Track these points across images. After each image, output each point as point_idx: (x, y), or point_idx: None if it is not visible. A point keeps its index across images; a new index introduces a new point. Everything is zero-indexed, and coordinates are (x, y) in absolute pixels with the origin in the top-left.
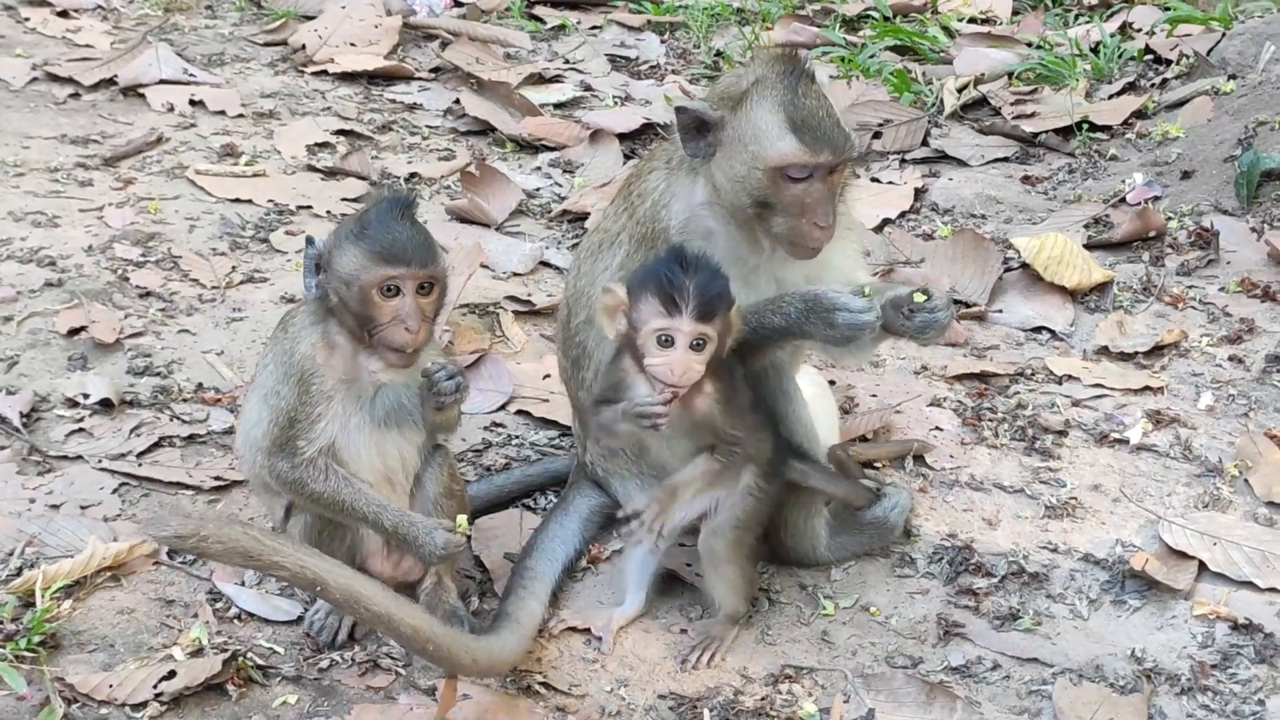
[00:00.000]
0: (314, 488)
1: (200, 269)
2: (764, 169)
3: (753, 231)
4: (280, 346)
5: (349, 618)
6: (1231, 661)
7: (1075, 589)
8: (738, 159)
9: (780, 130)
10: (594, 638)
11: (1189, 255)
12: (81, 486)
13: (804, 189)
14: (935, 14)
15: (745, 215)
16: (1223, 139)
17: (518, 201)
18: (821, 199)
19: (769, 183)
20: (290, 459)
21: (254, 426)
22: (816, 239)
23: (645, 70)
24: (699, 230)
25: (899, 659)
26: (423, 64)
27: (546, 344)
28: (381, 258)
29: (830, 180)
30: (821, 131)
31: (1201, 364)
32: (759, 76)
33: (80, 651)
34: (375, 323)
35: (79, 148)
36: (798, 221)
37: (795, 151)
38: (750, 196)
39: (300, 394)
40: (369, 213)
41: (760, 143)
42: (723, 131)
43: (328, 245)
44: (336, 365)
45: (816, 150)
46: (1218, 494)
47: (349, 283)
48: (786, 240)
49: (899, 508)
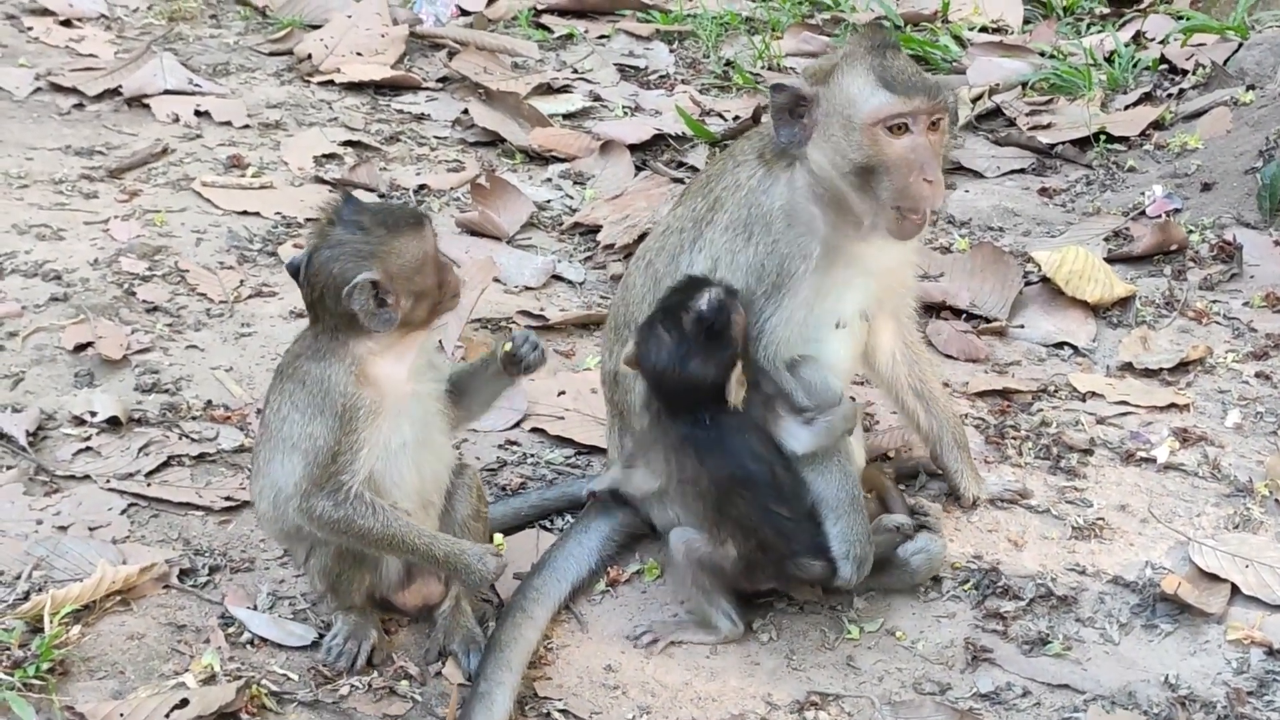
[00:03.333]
0: (362, 524)
1: (208, 283)
2: (863, 127)
3: (855, 215)
4: (301, 393)
5: (367, 643)
6: (1268, 688)
7: (1105, 612)
8: (835, 128)
9: (873, 87)
10: (613, 664)
11: (1211, 269)
12: (89, 507)
13: (907, 144)
14: (946, 23)
15: (849, 190)
16: (1243, 150)
17: (529, 214)
18: (926, 152)
19: (869, 142)
20: (332, 497)
21: (284, 476)
22: (926, 196)
23: (655, 80)
24: (802, 216)
25: (927, 685)
26: (430, 74)
27: (560, 360)
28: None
29: (930, 137)
30: (912, 81)
31: (1228, 380)
32: (846, 52)
33: (90, 679)
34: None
35: (83, 159)
36: (906, 181)
37: (889, 101)
38: (852, 163)
39: (343, 425)
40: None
41: (854, 104)
42: (818, 108)
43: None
44: (372, 386)
45: (910, 96)
46: (1248, 514)
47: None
48: (897, 206)
49: (925, 554)
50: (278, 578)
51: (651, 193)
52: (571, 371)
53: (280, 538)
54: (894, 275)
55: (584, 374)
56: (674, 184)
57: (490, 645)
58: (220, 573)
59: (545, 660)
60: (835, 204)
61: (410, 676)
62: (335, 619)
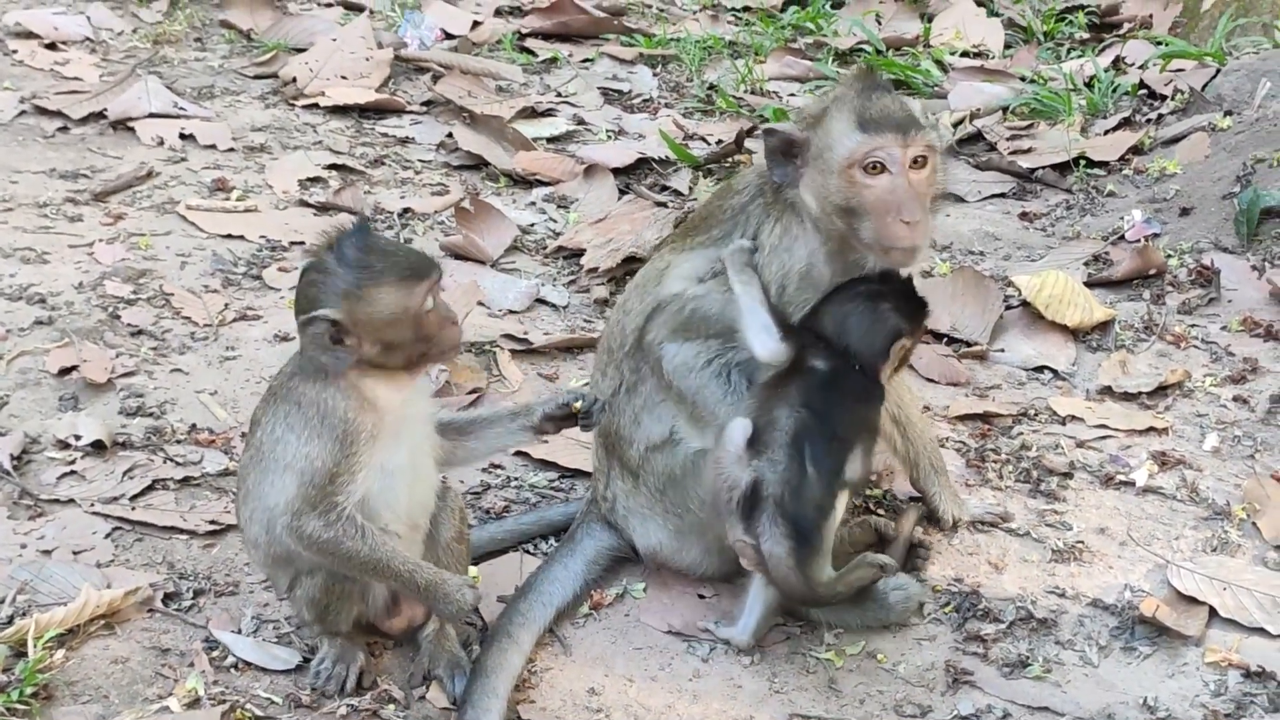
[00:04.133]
0: (349, 546)
1: (192, 306)
2: (839, 170)
3: (851, 254)
4: (299, 415)
5: (355, 666)
6: (1245, 711)
7: (1084, 635)
8: (819, 170)
9: (850, 129)
10: (596, 687)
11: (1190, 294)
12: (74, 531)
13: (883, 185)
14: (928, 47)
15: (836, 230)
16: (1221, 176)
17: (512, 237)
18: (904, 194)
19: (848, 184)
20: (324, 518)
21: (276, 496)
22: (904, 238)
23: (638, 104)
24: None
25: (908, 708)
26: (414, 97)
27: (544, 383)
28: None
29: (913, 177)
30: (888, 120)
31: (1206, 404)
32: (838, 94)
33: (74, 703)
34: (430, 339)
35: (68, 182)
36: (883, 221)
37: (861, 141)
38: (834, 205)
39: (343, 448)
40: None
41: (834, 146)
42: (808, 151)
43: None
44: (369, 410)
45: (880, 135)
46: (1226, 537)
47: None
48: (879, 246)
49: (903, 592)
50: (262, 601)
51: (635, 216)
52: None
53: (267, 563)
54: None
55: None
56: (657, 207)
57: (476, 671)
58: (205, 596)
59: (529, 683)
60: (831, 243)
61: (395, 700)
62: (321, 643)
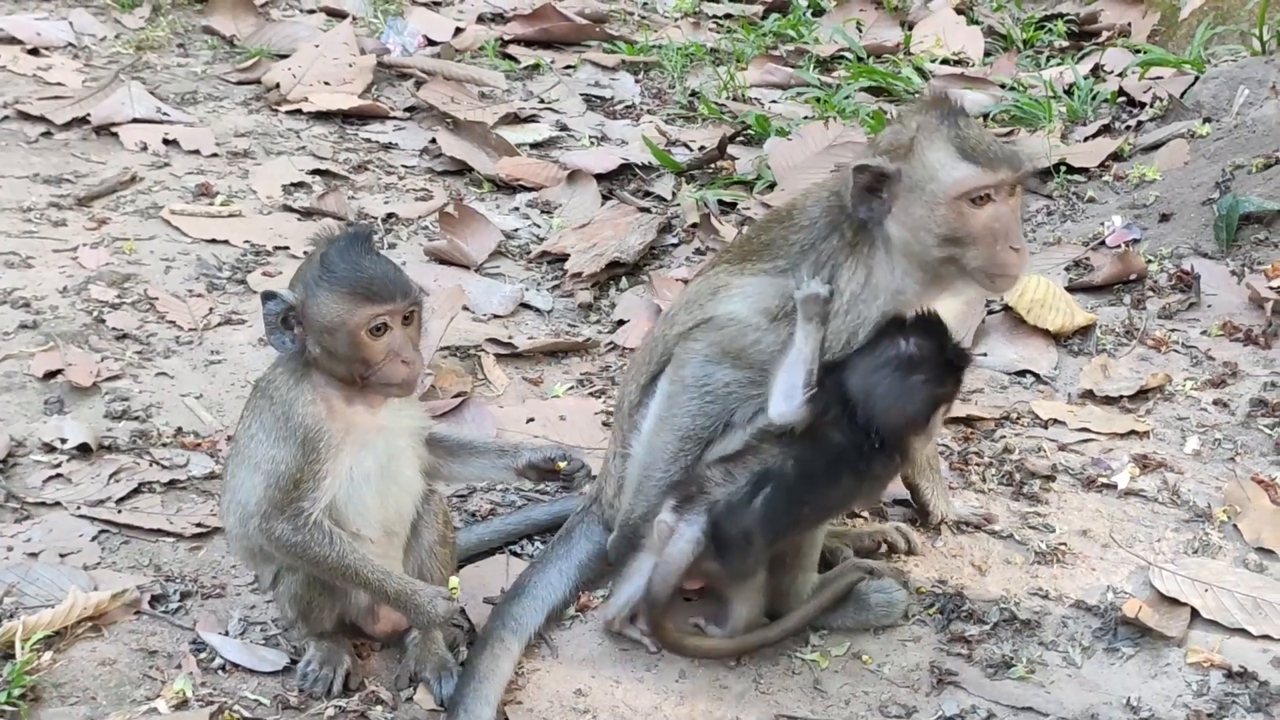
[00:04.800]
0: (318, 552)
1: (177, 311)
2: (947, 201)
3: (942, 283)
4: (269, 413)
5: (342, 668)
6: (1227, 711)
7: (1067, 636)
8: (918, 203)
9: (954, 160)
10: (583, 689)
11: (1170, 298)
12: (60, 534)
13: (990, 214)
14: (909, 55)
15: (935, 261)
16: (1200, 182)
17: (496, 242)
18: (1009, 221)
19: (955, 215)
20: (292, 522)
21: (246, 494)
22: (1015, 264)
23: (621, 110)
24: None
25: (892, 708)
26: (397, 103)
27: (529, 387)
28: (365, 298)
29: (1011, 202)
30: (992, 151)
31: (1186, 408)
32: (920, 124)
33: (62, 704)
34: (369, 364)
35: (52, 187)
36: (993, 250)
37: (973, 174)
38: (938, 237)
39: (306, 454)
40: (330, 254)
41: (938, 179)
42: (899, 184)
43: (298, 297)
44: (338, 417)
45: (994, 169)
46: (1207, 539)
47: (333, 330)
48: (984, 274)
49: (884, 594)
50: (249, 603)
51: (618, 221)
52: (540, 399)
53: (246, 556)
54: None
55: (552, 401)
56: (641, 213)
57: (467, 675)
58: (192, 599)
59: (516, 684)
60: (919, 272)
61: (383, 702)
62: (308, 645)
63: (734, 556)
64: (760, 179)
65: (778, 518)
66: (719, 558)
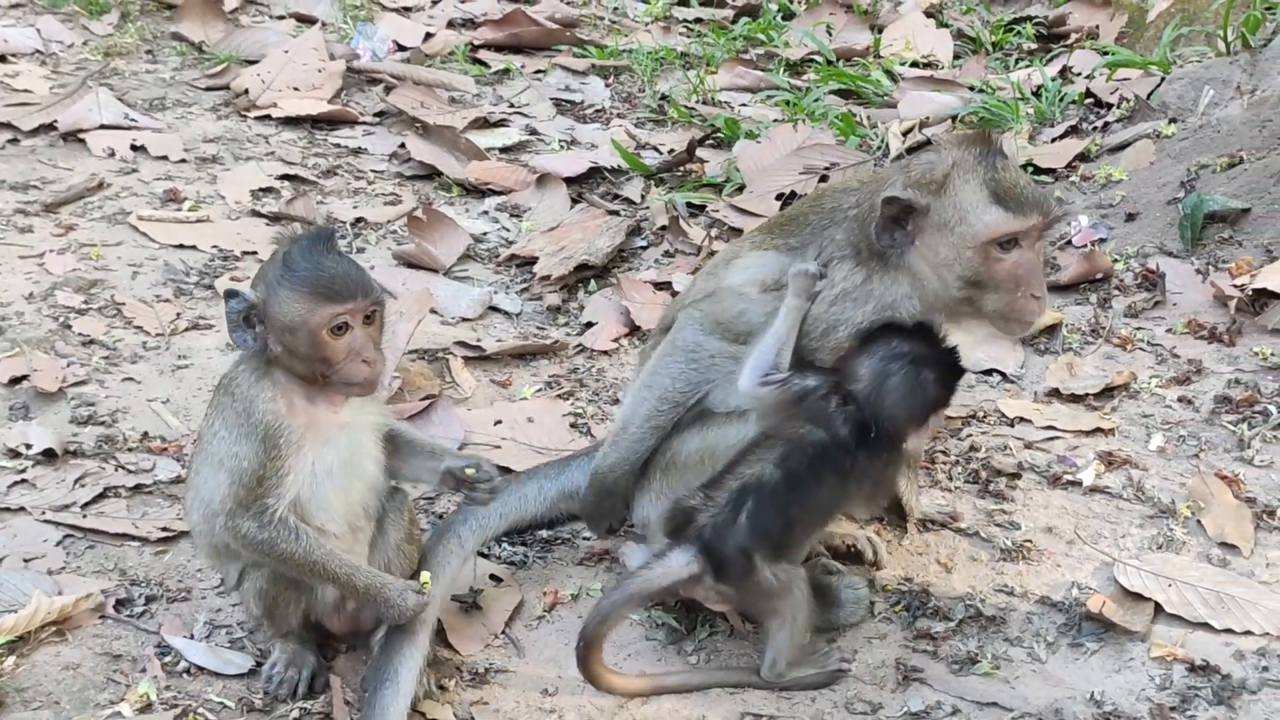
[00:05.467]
0: (284, 548)
1: (144, 316)
2: (975, 245)
3: (955, 318)
4: (231, 409)
5: (307, 670)
6: (1190, 704)
7: (1032, 632)
8: (944, 242)
9: (986, 203)
10: (549, 688)
11: (1136, 297)
12: (25, 539)
13: (1015, 260)
14: (878, 58)
15: (952, 299)
16: (1165, 181)
17: (465, 246)
18: (1033, 268)
19: (980, 259)
20: (258, 519)
21: (211, 492)
22: (1034, 311)
23: (590, 114)
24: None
25: (858, 705)
26: (367, 108)
27: (497, 390)
28: (325, 297)
29: (1037, 247)
30: (1026, 197)
31: (1151, 405)
32: (956, 160)
33: (25, 709)
34: (330, 364)
35: (18, 194)
36: (1013, 296)
37: (1004, 220)
38: (961, 278)
39: (267, 450)
40: (293, 253)
41: (967, 220)
42: (926, 218)
43: (260, 296)
44: (299, 413)
45: (1025, 215)
46: (1171, 535)
47: (294, 329)
48: (1001, 318)
49: (853, 590)
50: (215, 607)
51: (587, 224)
52: (508, 401)
53: (211, 554)
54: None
55: (520, 403)
56: (610, 215)
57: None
58: (157, 602)
59: (484, 681)
60: (934, 308)
61: (348, 703)
62: (273, 647)
63: (736, 575)
64: (729, 181)
65: (768, 527)
66: (722, 579)
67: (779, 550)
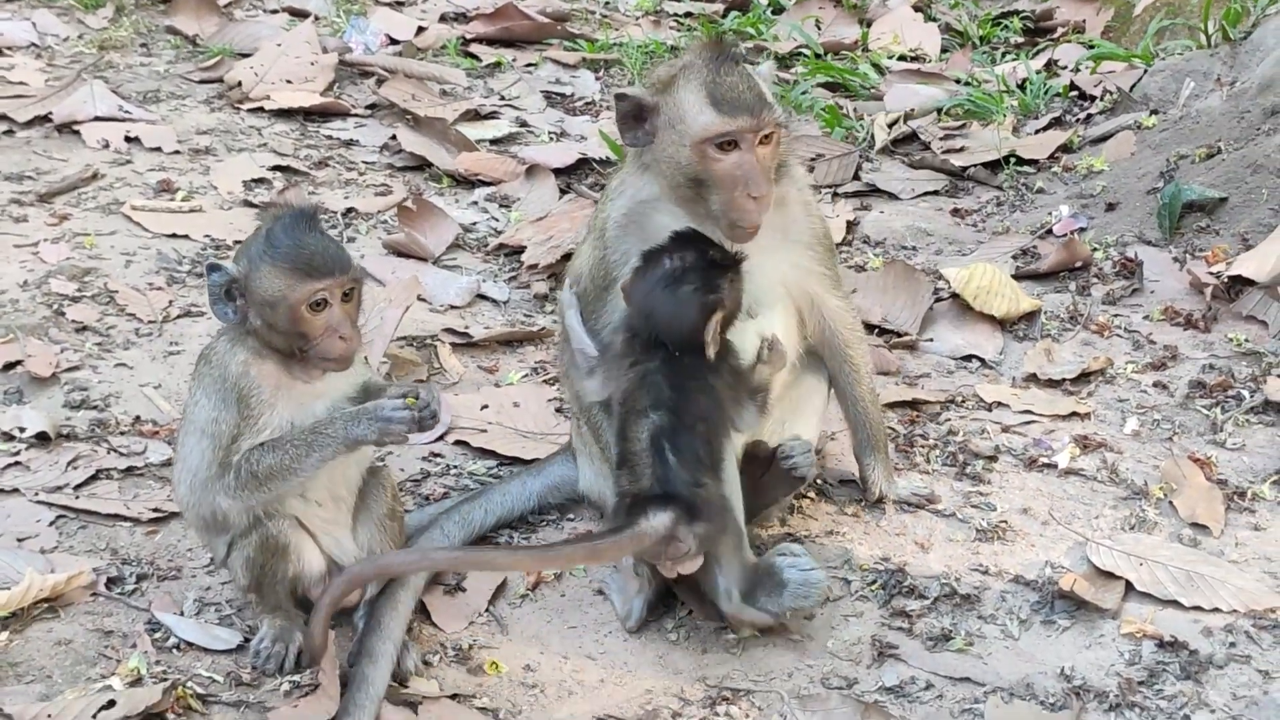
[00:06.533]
0: (270, 463)
1: (137, 304)
2: (691, 144)
3: (704, 220)
4: (209, 377)
5: (293, 645)
6: (1158, 678)
7: (1006, 610)
8: (669, 139)
9: (702, 105)
10: (532, 664)
11: (1114, 285)
12: (18, 519)
13: (735, 160)
14: (866, 51)
15: (686, 198)
16: (1145, 172)
17: (454, 236)
18: (751, 169)
19: (698, 158)
20: (238, 467)
21: (196, 459)
22: (750, 210)
23: (580, 107)
24: (638, 223)
25: (834, 680)
26: (359, 101)
27: (484, 375)
28: (305, 274)
29: (760, 153)
30: (740, 101)
31: (1127, 390)
32: (686, 63)
33: (18, 683)
34: (308, 339)
35: (13, 184)
36: (731, 195)
37: (715, 121)
38: (684, 175)
39: (241, 411)
40: (275, 230)
41: (685, 120)
42: (658, 117)
43: (241, 270)
44: (271, 377)
45: (734, 117)
46: (1143, 516)
47: (274, 304)
48: (726, 220)
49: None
50: (204, 585)
51: (575, 215)
52: (494, 386)
53: (200, 526)
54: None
55: (507, 388)
56: (597, 205)
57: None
58: (147, 581)
59: (468, 658)
60: (685, 208)
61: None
62: (261, 623)
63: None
64: None
65: (695, 452)
66: (698, 517)
67: (716, 467)
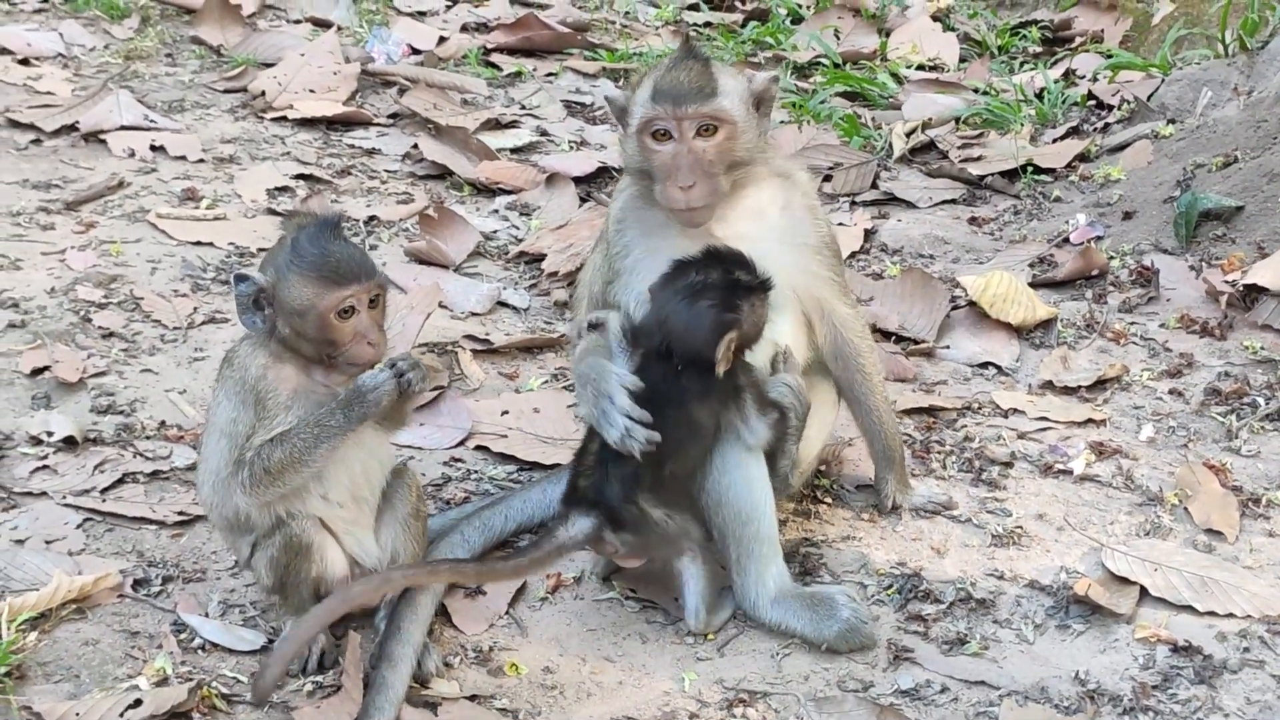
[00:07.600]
0: (284, 453)
1: (162, 310)
2: (634, 134)
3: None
4: (230, 380)
5: (317, 646)
6: (1172, 682)
7: (1021, 614)
8: (627, 132)
9: (644, 96)
10: (551, 666)
11: (1130, 293)
12: (46, 522)
13: (670, 150)
14: (884, 61)
15: (647, 190)
16: (1162, 181)
17: (475, 243)
18: (682, 160)
19: (639, 148)
20: (253, 461)
21: (217, 460)
22: (676, 199)
23: (600, 116)
24: (636, 216)
25: (850, 683)
26: (381, 110)
27: (505, 381)
28: (333, 281)
29: (697, 144)
30: (677, 90)
31: (1142, 397)
32: (657, 62)
33: (46, 682)
34: (337, 345)
35: (41, 192)
36: (663, 184)
37: (646, 110)
38: (634, 165)
39: (258, 412)
40: (301, 239)
41: (633, 111)
42: (627, 114)
43: (269, 280)
44: (290, 381)
45: (660, 104)
46: (1158, 522)
47: (303, 313)
48: (665, 208)
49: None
50: (229, 587)
51: (595, 223)
52: (515, 392)
53: (224, 528)
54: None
55: (527, 394)
56: None
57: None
58: (173, 583)
59: (488, 659)
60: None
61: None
62: (285, 625)
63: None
64: None
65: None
66: (619, 528)
67: (657, 488)
